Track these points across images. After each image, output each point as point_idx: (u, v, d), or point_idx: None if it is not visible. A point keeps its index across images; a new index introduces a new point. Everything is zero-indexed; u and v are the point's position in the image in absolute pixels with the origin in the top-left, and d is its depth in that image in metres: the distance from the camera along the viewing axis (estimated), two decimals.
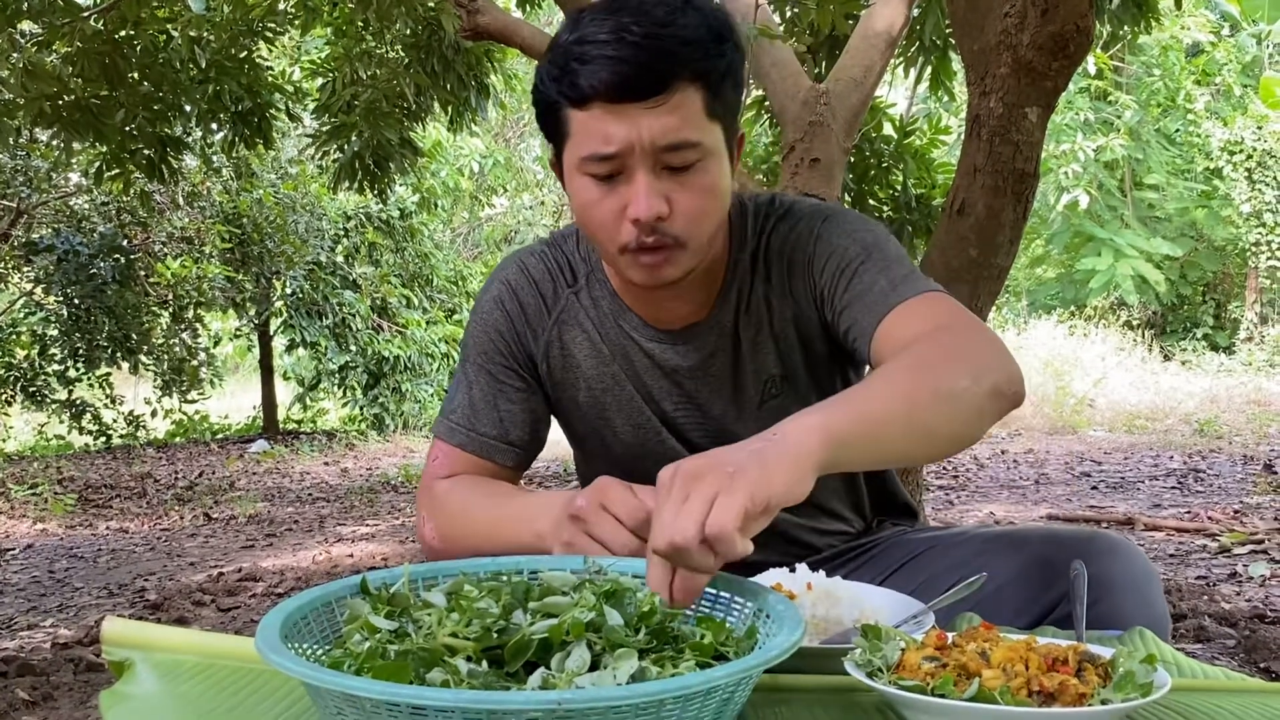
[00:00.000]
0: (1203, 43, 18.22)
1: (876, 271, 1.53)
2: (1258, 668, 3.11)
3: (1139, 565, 1.47)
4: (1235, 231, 17.53)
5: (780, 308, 1.63)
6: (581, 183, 1.46)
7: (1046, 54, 3.05)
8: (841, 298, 1.55)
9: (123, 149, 5.86)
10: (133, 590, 5.24)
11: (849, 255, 1.56)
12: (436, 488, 1.64)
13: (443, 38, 5.80)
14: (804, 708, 1.13)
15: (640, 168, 1.41)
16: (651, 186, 1.42)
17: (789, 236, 1.62)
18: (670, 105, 1.39)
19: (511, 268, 1.71)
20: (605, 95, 1.38)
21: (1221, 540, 5.07)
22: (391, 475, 9.46)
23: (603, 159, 1.41)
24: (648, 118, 1.39)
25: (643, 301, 1.64)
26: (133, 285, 11.41)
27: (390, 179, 6.54)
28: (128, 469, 10.71)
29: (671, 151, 1.41)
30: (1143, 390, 13.46)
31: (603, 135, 1.40)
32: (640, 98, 1.38)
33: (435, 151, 13.16)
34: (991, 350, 1.39)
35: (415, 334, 13.48)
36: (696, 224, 1.46)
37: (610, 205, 1.44)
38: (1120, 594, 1.42)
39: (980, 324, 1.48)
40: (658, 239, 1.44)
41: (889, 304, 1.48)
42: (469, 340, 1.70)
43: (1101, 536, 1.50)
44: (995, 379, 1.35)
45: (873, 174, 5.35)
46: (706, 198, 1.45)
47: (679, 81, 1.39)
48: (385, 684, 0.87)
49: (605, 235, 1.47)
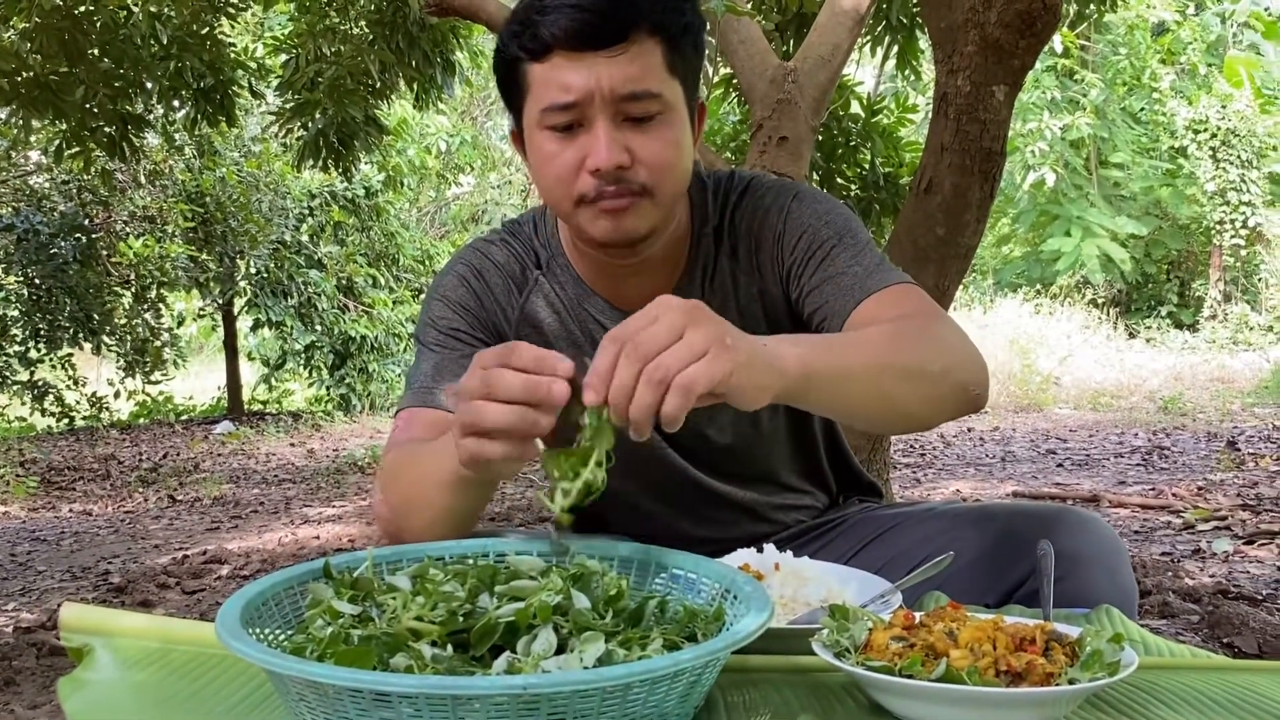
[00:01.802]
0: (1168, 22, 18.35)
1: (850, 257, 1.53)
2: (1221, 643, 3.14)
3: (1107, 539, 1.47)
4: (1199, 210, 17.69)
5: (746, 283, 1.62)
6: (541, 137, 1.45)
7: (1013, 32, 3.05)
8: (812, 278, 1.54)
9: (83, 126, 5.78)
10: (96, 573, 5.20)
11: (821, 236, 1.55)
12: (385, 458, 1.58)
13: (408, 14, 5.75)
14: (772, 689, 1.13)
15: (600, 117, 1.40)
16: (612, 136, 1.41)
17: (756, 212, 1.61)
18: (630, 55, 1.39)
19: (471, 254, 1.68)
20: (565, 43, 1.38)
21: (1186, 517, 5.12)
22: (358, 456, 9.42)
23: (562, 108, 1.40)
24: (608, 66, 1.39)
25: (606, 280, 1.62)
26: (94, 265, 11.30)
27: (355, 157, 6.49)
28: (91, 451, 10.62)
29: (632, 101, 1.40)
30: (1108, 368, 13.57)
31: (562, 84, 1.40)
32: (600, 46, 1.38)
33: (401, 129, 13.05)
34: (965, 349, 1.41)
35: (382, 313, 13.41)
36: (661, 173, 1.44)
37: (569, 158, 1.43)
38: (1088, 568, 1.42)
39: (954, 321, 1.49)
40: (619, 188, 1.43)
41: (866, 289, 1.48)
42: (429, 319, 1.65)
43: (1069, 511, 1.51)
44: (964, 376, 1.38)
45: (840, 152, 5.35)
46: (669, 149, 1.44)
47: (639, 32, 1.39)
48: (348, 670, 0.86)
49: (562, 190, 1.45)
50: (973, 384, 1.39)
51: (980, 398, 1.41)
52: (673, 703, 0.92)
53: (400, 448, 1.53)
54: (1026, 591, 1.45)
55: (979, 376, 1.40)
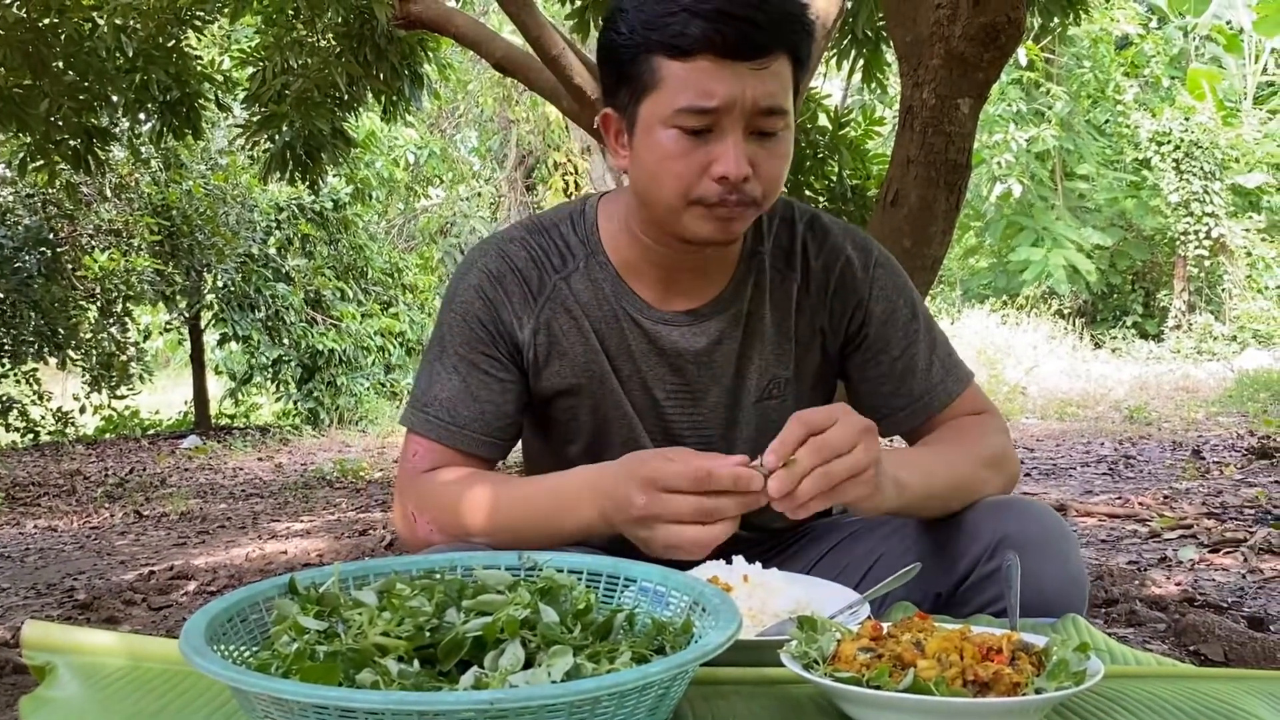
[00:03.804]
0: (1131, 35, 18.55)
1: (927, 350, 1.68)
2: (1187, 650, 3.16)
3: (1053, 526, 1.49)
4: (1163, 221, 17.85)
5: (811, 316, 1.67)
6: (667, 134, 1.46)
7: (978, 45, 3.07)
8: (888, 358, 1.67)
9: (48, 139, 5.74)
10: (62, 590, 5.14)
11: (901, 317, 1.69)
12: (425, 483, 1.59)
13: (375, 26, 5.73)
14: (740, 701, 1.13)
15: (734, 127, 1.44)
16: (742, 146, 1.45)
17: (836, 255, 1.68)
18: (772, 71, 1.43)
19: (491, 255, 1.65)
20: (717, 49, 1.40)
21: (1152, 525, 5.15)
22: (327, 470, 9.36)
23: (701, 112, 1.43)
24: (752, 78, 1.42)
25: (648, 280, 1.64)
26: (59, 279, 11.19)
27: (322, 170, 6.46)
28: (56, 466, 10.51)
29: (766, 116, 1.44)
30: (1074, 378, 13.67)
31: (705, 89, 1.42)
32: (749, 57, 1.41)
33: (369, 142, 13.02)
34: (1011, 456, 1.64)
35: (350, 327, 13.34)
36: (772, 187, 1.51)
37: (696, 160, 1.45)
38: (1037, 554, 1.43)
39: (1001, 418, 1.70)
40: (739, 198, 1.47)
41: (949, 393, 1.67)
42: (445, 330, 1.64)
43: (1016, 500, 1.54)
44: (1008, 483, 1.61)
45: (809, 164, 5.37)
46: (783, 165, 1.51)
47: (780, 50, 1.44)
48: (313, 686, 0.85)
49: (680, 188, 1.47)
50: (1011, 484, 1.63)
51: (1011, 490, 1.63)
52: (641, 716, 0.92)
53: (466, 479, 1.57)
54: (978, 579, 1.47)
55: (1016, 472, 1.66)
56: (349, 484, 8.65)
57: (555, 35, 4.79)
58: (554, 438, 1.72)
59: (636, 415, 1.65)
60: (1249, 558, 4.34)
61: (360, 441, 11.95)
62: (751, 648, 1.19)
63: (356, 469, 9.25)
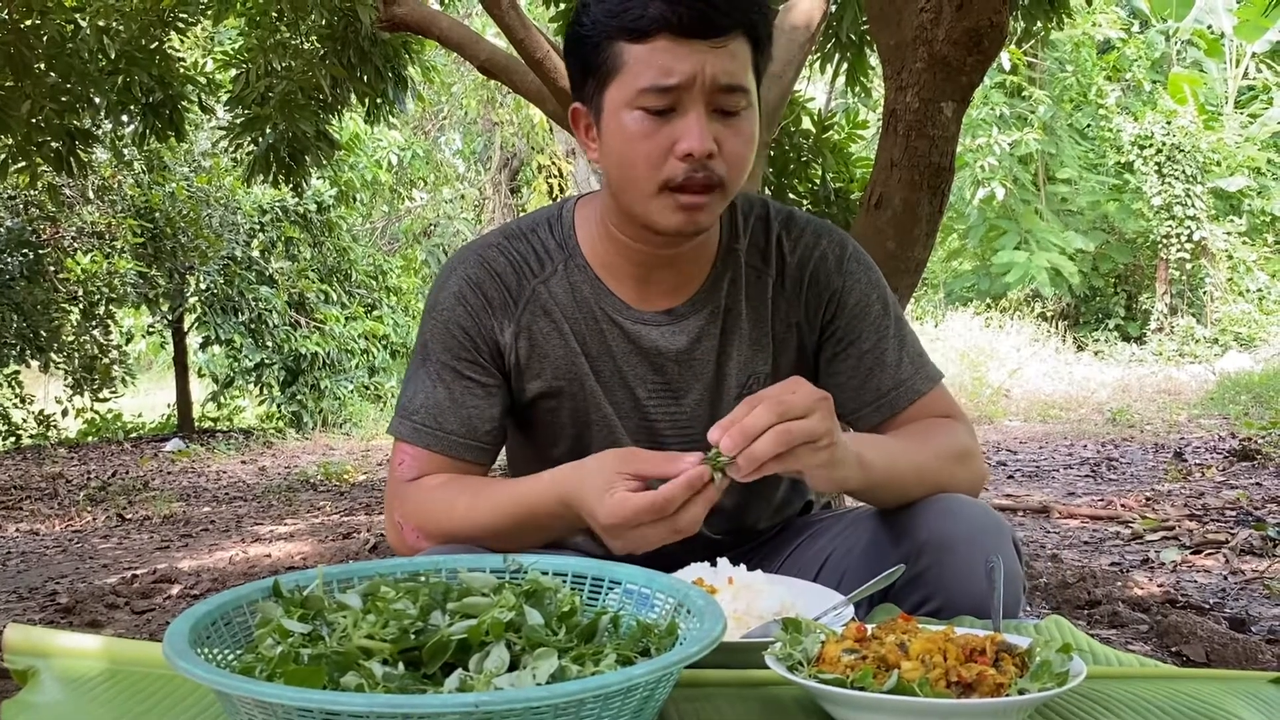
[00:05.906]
0: (1114, 39, 18.62)
1: (897, 346, 1.68)
2: (1169, 651, 3.18)
3: (977, 520, 1.49)
4: (1146, 224, 17.90)
5: (787, 311, 1.68)
6: (630, 116, 1.48)
7: (961, 49, 3.08)
8: (857, 351, 1.68)
9: (29, 141, 5.70)
10: (44, 594, 5.12)
11: (873, 312, 1.69)
12: (411, 490, 1.61)
13: (359, 29, 5.71)
14: (725, 703, 1.13)
15: (695, 104, 1.46)
16: (705, 123, 1.46)
17: (812, 251, 1.69)
18: (730, 49, 1.46)
19: (471, 262, 1.67)
20: (674, 28, 1.43)
21: (1134, 527, 5.18)
22: (310, 474, 9.34)
23: (662, 90, 1.45)
24: (710, 55, 1.45)
25: (626, 280, 1.65)
26: (42, 281, 11.13)
27: (306, 172, 6.44)
28: (38, 469, 10.46)
29: (726, 93, 1.47)
30: (1057, 380, 13.71)
31: (664, 68, 1.44)
32: (706, 35, 1.44)
33: (353, 144, 12.97)
34: (977, 456, 1.65)
35: (334, 330, 13.31)
36: (737, 169, 1.52)
37: (659, 140, 1.47)
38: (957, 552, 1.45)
39: (969, 423, 1.71)
40: (705, 176, 1.48)
41: (915, 390, 1.67)
42: (428, 338, 1.66)
43: (941, 498, 1.53)
44: (974, 481, 1.63)
45: (792, 168, 5.37)
46: (747, 145, 1.52)
47: (737, 28, 1.46)
48: (297, 689, 0.85)
49: (648, 171, 1.49)
50: (983, 469, 1.67)
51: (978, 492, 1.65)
52: (626, 718, 0.92)
53: (447, 484, 1.59)
54: (904, 581, 1.46)
55: (984, 473, 1.69)
56: (333, 487, 8.63)
57: (540, 38, 4.78)
58: (537, 440, 1.73)
59: (618, 416, 1.66)
60: (1230, 559, 4.36)
61: (344, 444, 11.93)
62: (736, 650, 1.19)
63: (340, 472, 9.24)
